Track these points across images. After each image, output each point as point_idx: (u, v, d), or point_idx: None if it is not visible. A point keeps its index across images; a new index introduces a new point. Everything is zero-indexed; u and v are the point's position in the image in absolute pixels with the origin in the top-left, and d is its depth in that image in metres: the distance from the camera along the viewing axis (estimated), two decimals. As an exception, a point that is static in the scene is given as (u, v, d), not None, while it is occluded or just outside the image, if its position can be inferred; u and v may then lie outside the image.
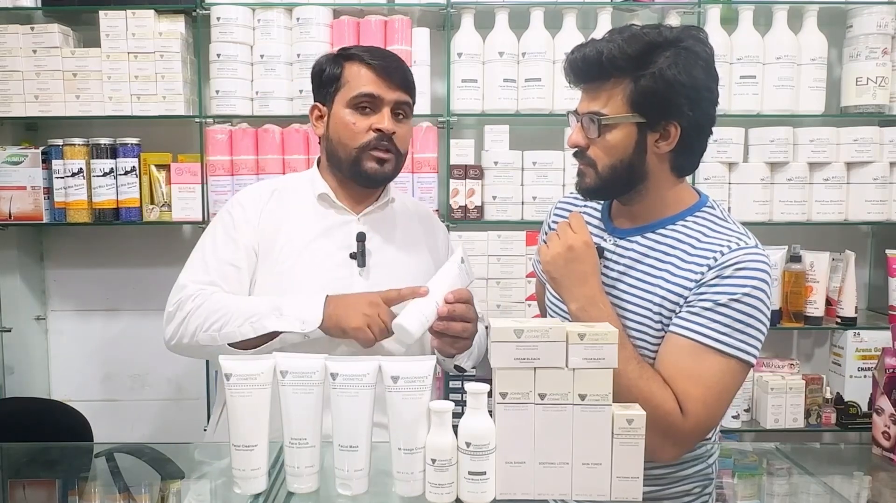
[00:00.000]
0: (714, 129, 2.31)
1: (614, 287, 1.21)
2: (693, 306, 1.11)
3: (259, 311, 1.29)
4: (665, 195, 1.20)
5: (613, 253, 1.23)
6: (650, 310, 1.16)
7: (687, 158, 1.18)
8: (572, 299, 1.16)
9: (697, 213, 1.20)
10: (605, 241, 1.25)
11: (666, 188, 1.19)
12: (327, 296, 1.30)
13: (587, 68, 1.13)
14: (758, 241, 1.16)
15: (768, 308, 1.12)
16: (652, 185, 1.18)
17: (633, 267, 1.20)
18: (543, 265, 1.20)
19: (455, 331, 1.28)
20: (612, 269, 1.22)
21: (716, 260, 1.11)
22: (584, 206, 1.34)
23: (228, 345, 1.29)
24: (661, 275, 1.16)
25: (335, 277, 1.39)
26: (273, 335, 1.28)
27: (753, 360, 1.12)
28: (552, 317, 1.34)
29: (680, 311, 1.13)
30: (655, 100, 1.10)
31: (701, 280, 1.12)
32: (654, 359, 1.16)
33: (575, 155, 1.20)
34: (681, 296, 1.13)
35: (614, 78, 1.12)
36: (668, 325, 1.15)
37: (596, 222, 1.30)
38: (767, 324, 1.12)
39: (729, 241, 1.13)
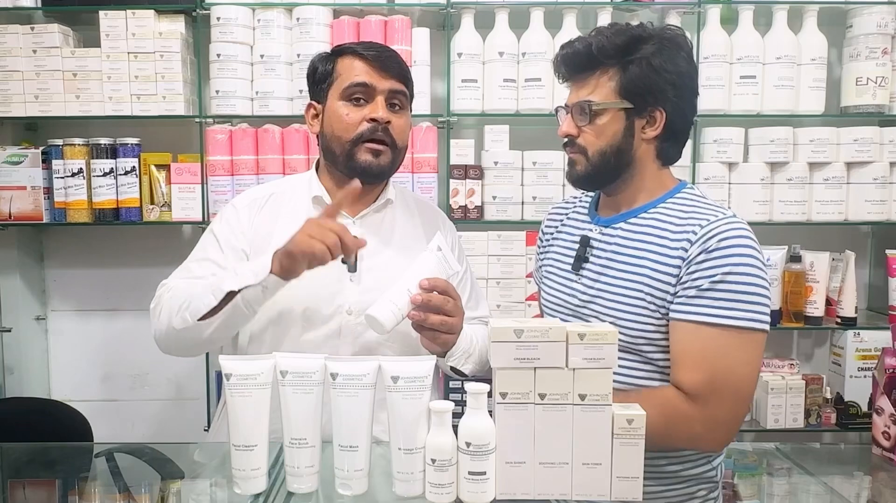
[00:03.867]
0: (714, 129, 2.33)
1: (603, 275, 1.24)
2: (689, 288, 1.13)
3: (218, 280, 1.26)
4: (648, 182, 1.25)
5: (599, 241, 1.27)
6: (642, 291, 1.18)
7: (672, 146, 1.24)
8: None
9: (676, 196, 1.24)
10: (591, 231, 1.30)
11: (649, 175, 1.25)
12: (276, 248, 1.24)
13: (577, 60, 1.20)
14: (735, 212, 1.20)
15: (763, 271, 1.14)
16: (637, 171, 1.23)
17: (619, 253, 1.23)
18: None
19: (432, 323, 1.23)
20: (600, 258, 1.26)
21: (695, 233, 1.15)
22: (574, 206, 1.39)
23: (198, 321, 1.25)
24: (646, 255, 1.19)
25: (326, 283, 1.37)
26: (233, 296, 1.23)
27: (766, 327, 1.13)
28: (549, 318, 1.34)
29: (676, 294, 1.15)
30: (642, 86, 1.17)
31: (688, 258, 1.14)
32: (653, 340, 1.18)
33: (566, 145, 1.26)
34: (669, 274, 1.16)
35: (602, 67, 1.19)
36: (662, 307, 1.16)
37: (584, 216, 1.35)
38: (768, 287, 1.14)
39: (707, 215, 1.17)
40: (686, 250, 1.15)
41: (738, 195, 2.23)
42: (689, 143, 2.18)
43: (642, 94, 1.18)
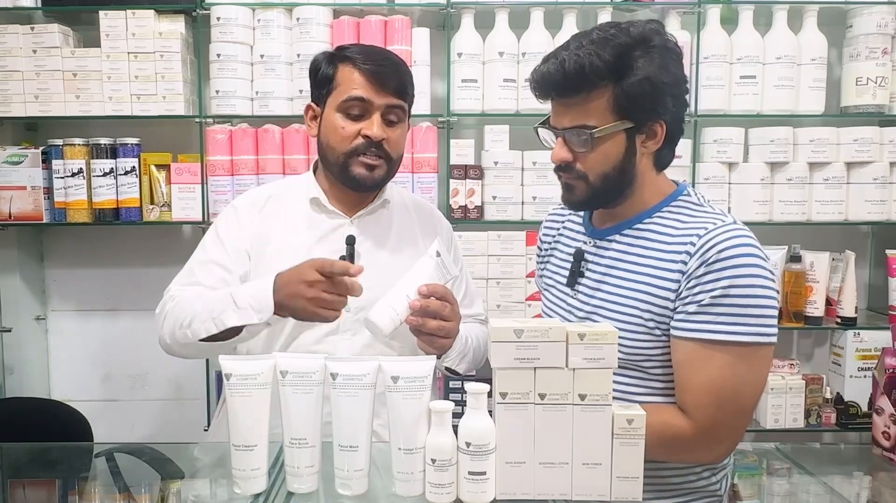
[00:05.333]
0: (714, 129, 2.33)
1: (598, 290, 1.19)
2: (689, 303, 1.09)
3: (219, 306, 1.27)
4: (646, 191, 1.19)
5: (594, 255, 1.22)
6: (638, 307, 1.13)
7: (669, 151, 1.19)
8: None
9: (673, 204, 1.19)
10: (585, 244, 1.25)
11: (648, 184, 1.19)
12: (276, 276, 1.25)
13: (567, 83, 1.10)
14: (736, 218, 1.14)
15: (768, 279, 1.07)
16: (637, 184, 1.18)
17: (614, 267, 1.18)
18: None
19: (430, 328, 1.24)
20: (595, 272, 1.21)
21: (693, 244, 1.09)
22: (570, 213, 1.34)
23: (200, 340, 1.28)
24: (644, 271, 1.14)
25: None
26: (239, 328, 1.26)
27: (773, 339, 1.08)
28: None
29: (676, 310, 1.10)
30: (643, 103, 1.10)
31: (687, 271, 1.09)
32: (652, 356, 1.14)
33: (559, 170, 1.18)
34: (668, 289, 1.11)
35: (598, 88, 1.10)
36: (662, 324, 1.12)
37: (578, 226, 1.30)
38: (774, 296, 1.08)
39: (705, 223, 1.11)
40: (685, 263, 1.09)
41: (738, 195, 2.23)
42: (689, 143, 2.20)
43: (643, 110, 1.11)
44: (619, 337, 1.06)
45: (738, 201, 2.23)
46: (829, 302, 2.26)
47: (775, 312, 1.09)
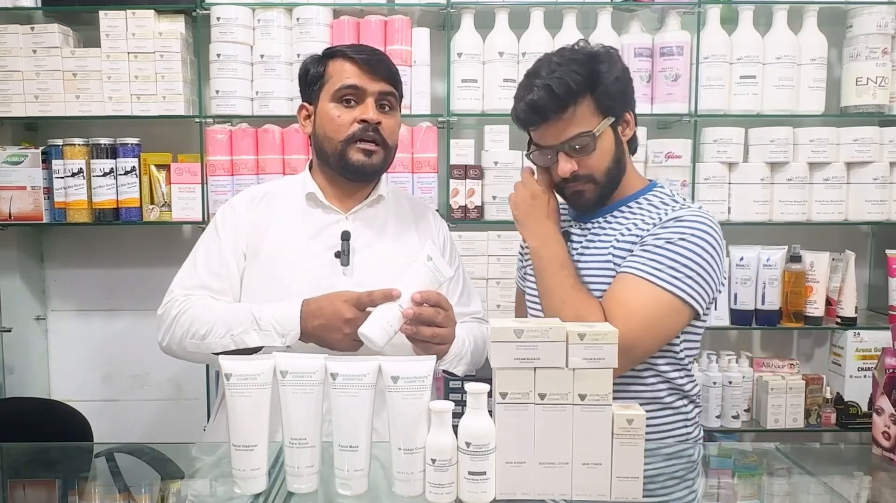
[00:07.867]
0: (714, 129, 2.35)
1: (579, 262, 1.35)
2: (635, 252, 1.27)
3: (239, 322, 1.30)
4: (628, 177, 1.36)
5: (578, 235, 1.39)
6: (606, 265, 1.30)
7: (635, 136, 1.38)
8: (532, 236, 1.35)
9: (649, 194, 1.36)
10: (572, 227, 1.42)
11: (629, 170, 1.37)
12: (303, 303, 1.29)
13: (558, 101, 1.25)
14: (706, 210, 1.32)
15: (712, 256, 1.24)
16: (626, 172, 1.36)
17: (593, 240, 1.36)
18: (511, 207, 1.38)
19: (424, 335, 1.25)
20: (577, 249, 1.38)
21: (661, 219, 1.29)
22: (563, 208, 1.47)
23: (213, 353, 1.31)
24: (621, 238, 1.31)
25: (319, 277, 1.38)
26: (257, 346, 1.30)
27: (692, 302, 1.23)
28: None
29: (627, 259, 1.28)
30: (619, 98, 1.29)
31: (647, 231, 1.28)
32: None
33: (565, 182, 1.31)
34: (631, 242, 1.29)
35: (581, 98, 1.26)
36: None
37: (565, 216, 1.45)
38: (712, 270, 1.25)
39: (677, 207, 1.31)
40: (649, 230, 1.28)
41: (738, 195, 2.23)
42: (689, 143, 2.20)
43: (619, 105, 1.29)
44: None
45: (738, 201, 2.23)
46: (829, 302, 2.26)
47: (710, 284, 1.25)
